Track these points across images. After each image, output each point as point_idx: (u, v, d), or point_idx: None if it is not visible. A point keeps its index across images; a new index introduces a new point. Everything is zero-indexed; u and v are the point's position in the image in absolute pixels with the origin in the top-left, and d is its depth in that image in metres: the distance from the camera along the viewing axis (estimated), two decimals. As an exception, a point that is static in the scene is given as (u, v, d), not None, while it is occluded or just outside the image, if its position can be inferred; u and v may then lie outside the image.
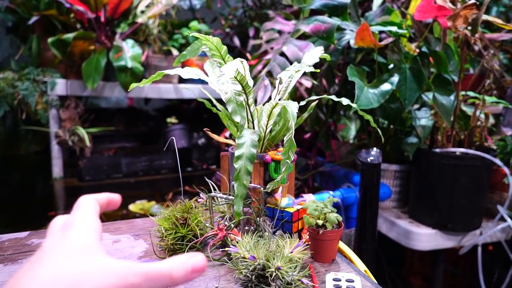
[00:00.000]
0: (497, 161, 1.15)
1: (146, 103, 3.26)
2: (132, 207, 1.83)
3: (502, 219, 1.24)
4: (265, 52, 1.49)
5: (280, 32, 1.51)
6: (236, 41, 2.34)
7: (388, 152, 1.39)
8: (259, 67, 1.38)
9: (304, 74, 1.34)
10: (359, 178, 1.08)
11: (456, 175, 1.17)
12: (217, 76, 0.66)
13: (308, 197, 0.98)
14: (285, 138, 0.61)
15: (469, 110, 1.35)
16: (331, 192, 1.24)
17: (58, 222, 0.37)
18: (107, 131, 2.41)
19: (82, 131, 2.14)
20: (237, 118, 0.64)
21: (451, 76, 1.21)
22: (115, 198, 0.41)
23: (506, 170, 1.19)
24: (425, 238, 1.22)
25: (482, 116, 1.27)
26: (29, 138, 2.44)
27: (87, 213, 0.35)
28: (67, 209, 1.93)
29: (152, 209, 1.79)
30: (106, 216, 1.73)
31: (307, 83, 1.53)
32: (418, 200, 1.29)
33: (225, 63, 0.68)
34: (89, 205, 0.36)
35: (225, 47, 0.69)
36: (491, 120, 1.40)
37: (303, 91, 1.60)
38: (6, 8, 2.31)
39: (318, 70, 0.68)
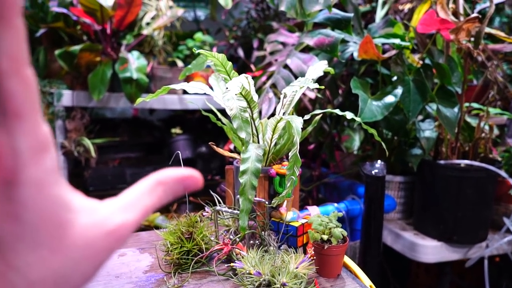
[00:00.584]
0: (502, 172, 1.14)
1: (151, 114, 3.28)
2: (136, 217, 1.83)
3: (509, 231, 1.23)
4: (269, 64, 1.50)
5: (283, 44, 1.53)
6: (240, 52, 2.36)
7: (392, 163, 1.39)
8: (263, 78, 1.39)
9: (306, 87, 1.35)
10: (364, 190, 1.08)
11: (461, 187, 1.17)
12: (223, 92, 0.67)
13: (313, 210, 0.98)
14: (290, 154, 0.62)
15: (473, 122, 1.35)
16: (335, 204, 1.24)
17: None
18: (112, 141, 2.42)
19: (87, 142, 2.16)
20: (243, 135, 0.65)
21: (455, 87, 1.21)
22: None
23: (511, 181, 1.18)
24: (431, 250, 1.21)
25: (487, 127, 1.27)
26: (35, 149, 2.46)
27: None
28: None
29: (156, 220, 1.79)
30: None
31: (311, 94, 1.54)
32: (423, 212, 1.28)
33: (231, 79, 0.69)
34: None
35: (230, 63, 0.70)
36: (496, 132, 1.40)
37: (307, 102, 1.61)
38: (14, 20, 2.34)
39: (322, 87, 0.69)
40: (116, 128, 2.58)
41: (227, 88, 0.63)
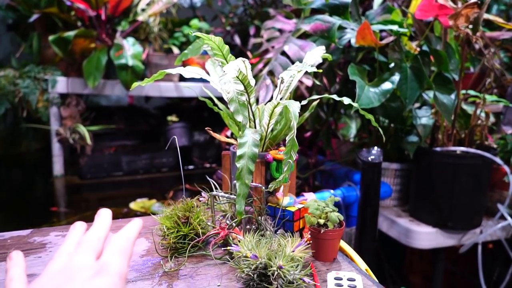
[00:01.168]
0: (498, 159, 1.15)
1: (147, 101, 3.26)
2: (133, 205, 1.84)
3: (502, 218, 1.25)
4: (266, 51, 1.49)
5: (280, 30, 1.51)
6: (237, 40, 2.34)
7: (388, 150, 1.40)
8: (260, 65, 1.38)
9: (305, 73, 1.34)
10: (360, 177, 1.08)
11: (456, 173, 1.17)
12: (219, 75, 0.67)
13: (309, 196, 0.98)
14: (287, 138, 0.62)
15: (469, 109, 1.35)
16: (332, 191, 1.24)
17: (76, 235, 0.38)
18: (107, 129, 2.41)
19: (83, 129, 2.15)
20: (240, 118, 0.64)
21: (452, 75, 1.21)
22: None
23: (506, 168, 1.19)
24: (426, 236, 1.22)
25: (483, 114, 1.27)
26: (30, 136, 2.44)
27: (119, 259, 0.34)
28: (68, 207, 1.94)
29: (152, 207, 1.79)
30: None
31: (308, 81, 1.53)
32: (418, 199, 1.29)
33: (227, 63, 0.68)
34: (120, 241, 0.36)
35: (227, 47, 0.69)
36: (492, 119, 1.41)
37: (304, 90, 1.60)
38: (7, 5, 2.31)
39: (320, 71, 0.68)
40: (112, 116, 2.57)
41: (224, 71, 0.62)
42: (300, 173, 1.59)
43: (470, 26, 1.09)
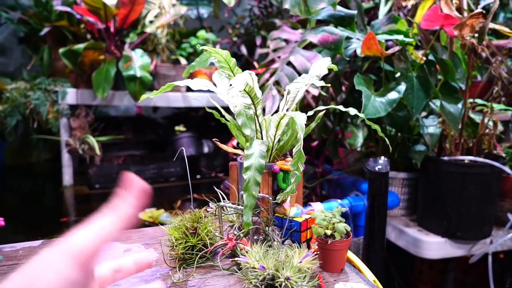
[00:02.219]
0: (507, 168, 1.14)
1: (154, 111, 3.29)
2: (141, 215, 1.85)
3: (513, 227, 1.23)
4: (272, 61, 1.50)
5: (286, 41, 1.53)
6: (243, 50, 2.36)
7: (396, 160, 1.39)
8: (267, 75, 1.39)
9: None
10: (367, 186, 1.08)
11: (465, 183, 1.17)
12: (227, 89, 0.68)
13: (316, 206, 0.98)
14: (294, 150, 0.62)
15: (477, 118, 1.34)
16: (339, 201, 1.24)
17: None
18: (116, 139, 2.44)
19: (92, 140, 2.17)
20: (247, 131, 0.65)
21: (459, 83, 1.21)
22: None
23: (515, 178, 1.18)
24: (434, 246, 1.21)
25: (491, 123, 1.27)
26: (40, 147, 2.48)
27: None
28: (77, 216, 1.96)
29: (161, 217, 1.80)
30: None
31: (314, 91, 1.54)
32: (426, 208, 1.28)
33: (234, 75, 0.70)
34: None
35: (233, 60, 0.70)
36: (500, 128, 1.40)
37: (310, 99, 1.61)
38: (18, 19, 2.36)
39: (329, 85, 0.69)
40: (120, 126, 2.59)
41: (231, 85, 0.63)
42: (307, 183, 1.59)
43: (476, 36, 1.09)
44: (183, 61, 2.39)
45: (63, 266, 0.28)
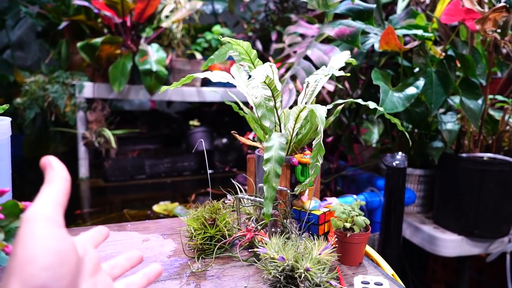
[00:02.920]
0: (527, 166, 1.12)
1: (168, 106, 3.32)
2: (156, 207, 1.87)
3: (532, 227, 1.21)
4: (288, 56, 1.50)
5: (302, 35, 1.52)
6: (259, 45, 2.36)
7: (412, 156, 1.38)
8: (282, 70, 1.39)
9: (329, 77, 1.35)
10: (384, 182, 1.07)
11: (483, 180, 1.15)
12: (247, 80, 0.68)
13: (333, 201, 0.98)
14: (314, 142, 0.62)
15: (497, 115, 1.32)
16: (354, 196, 1.24)
17: None
18: (131, 133, 2.46)
19: (108, 133, 2.20)
20: (267, 123, 0.65)
21: (479, 79, 1.19)
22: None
23: (536, 176, 1.16)
24: (451, 244, 1.20)
25: (511, 120, 1.25)
26: (57, 139, 2.52)
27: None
28: (92, 207, 1.99)
29: (175, 210, 1.82)
30: (133, 217, 1.77)
31: (330, 86, 1.53)
32: (443, 206, 1.27)
33: (255, 67, 0.70)
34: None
35: (254, 51, 0.70)
36: (520, 125, 1.37)
37: (326, 95, 1.60)
38: (37, 13, 2.40)
39: (348, 74, 0.69)
40: (134, 120, 2.62)
41: (251, 76, 0.63)
42: (321, 178, 1.59)
43: (498, 31, 1.07)
44: (198, 55, 2.40)
45: (42, 231, 0.30)
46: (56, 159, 0.37)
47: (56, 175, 0.36)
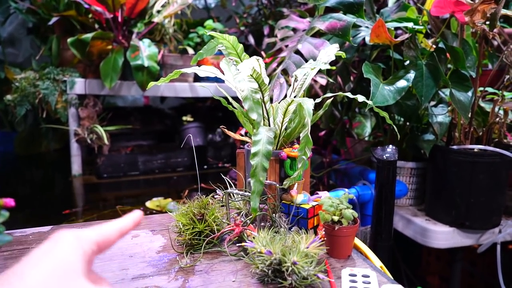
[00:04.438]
0: (517, 158, 1.13)
1: (162, 102, 3.30)
2: (148, 204, 1.86)
3: (522, 218, 1.22)
4: (280, 50, 1.49)
5: (294, 30, 1.51)
6: (251, 39, 2.35)
7: (404, 149, 1.38)
8: (274, 65, 1.38)
9: (319, 71, 1.34)
10: (375, 175, 1.08)
11: (474, 172, 1.15)
12: (234, 74, 0.67)
13: (324, 195, 0.98)
14: (301, 135, 0.62)
15: (487, 106, 1.32)
16: (346, 190, 1.24)
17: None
18: (124, 129, 2.45)
19: (100, 129, 2.19)
20: (254, 116, 0.65)
21: (469, 72, 1.19)
22: (139, 218, 0.45)
23: (526, 167, 1.17)
24: (442, 236, 1.21)
25: (501, 112, 1.25)
26: (49, 136, 2.50)
27: (83, 233, 0.36)
28: (86, 205, 1.98)
29: (168, 206, 1.82)
30: (126, 213, 1.77)
31: (322, 80, 1.53)
32: (435, 198, 1.27)
33: (242, 62, 0.69)
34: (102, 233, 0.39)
35: (241, 46, 0.70)
36: (511, 116, 1.38)
37: (318, 89, 1.60)
38: (27, 9, 2.37)
39: (334, 68, 0.69)
40: (128, 117, 2.61)
41: (238, 70, 0.63)
42: (314, 172, 1.59)
43: (487, 22, 1.07)
44: (190, 51, 2.39)
45: (70, 246, 0.33)
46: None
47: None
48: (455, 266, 1.32)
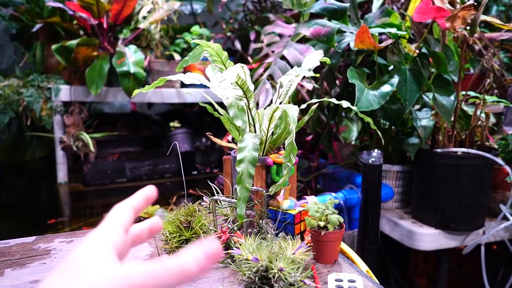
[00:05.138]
0: (499, 160, 1.15)
1: (149, 108, 3.28)
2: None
3: (505, 218, 1.24)
4: (266, 56, 1.50)
5: (280, 35, 1.52)
6: (238, 45, 2.35)
7: (390, 153, 1.40)
8: (261, 70, 1.39)
9: (305, 77, 1.35)
10: (361, 179, 1.09)
11: (458, 175, 1.17)
12: (219, 81, 0.68)
13: (311, 199, 0.99)
14: (286, 142, 0.62)
15: (470, 110, 1.35)
16: (333, 194, 1.25)
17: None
18: (111, 136, 2.43)
19: (86, 137, 2.16)
20: (239, 123, 0.65)
21: (451, 76, 1.21)
22: (151, 193, 0.41)
23: (508, 169, 1.19)
24: (428, 238, 1.22)
25: (483, 115, 1.28)
26: (34, 144, 2.46)
27: (106, 226, 0.34)
28: (73, 214, 1.95)
29: (156, 213, 1.80)
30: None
31: (309, 85, 1.54)
32: (420, 201, 1.29)
33: (226, 69, 0.69)
34: (115, 216, 0.35)
35: (225, 53, 0.70)
36: (492, 120, 1.41)
37: (305, 94, 1.61)
38: (10, 16, 2.34)
39: (317, 75, 0.69)
40: (115, 123, 2.59)
41: (222, 77, 0.63)
42: (302, 177, 1.60)
43: (468, 28, 1.09)
44: (177, 56, 2.38)
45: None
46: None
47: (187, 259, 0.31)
48: (441, 268, 1.33)
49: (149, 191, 0.40)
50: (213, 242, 0.31)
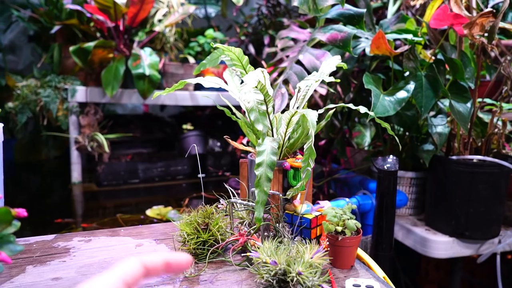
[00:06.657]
0: (516, 168, 1.14)
1: (162, 110, 3.31)
2: (149, 212, 1.86)
3: (521, 228, 1.23)
4: (281, 60, 1.51)
5: (295, 40, 1.53)
6: (251, 49, 2.37)
7: (404, 159, 1.39)
8: (275, 74, 1.40)
9: (320, 81, 1.36)
10: (376, 185, 1.08)
11: (473, 182, 1.16)
12: (239, 85, 0.69)
13: (325, 204, 0.99)
14: (305, 146, 0.63)
15: (486, 117, 1.34)
16: (347, 199, 1.24)
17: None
18: (124, 137, 2.46)
19: (101, 137, 2.19)
20: (260, 127, 0.66)
21: (468, 83, 1.21)
22: (177, 261, 0.34)
23: (524, 178, 1.18)
24: (442, 246, 1.21)
25: (500, 123, 1.26)
26: (49, 144, 2.51)
27: (107, 279, 0.31)
28: (85, 213, 1.98)
29: (168, 215, 1.82)
30: (126, 222, 1.76)
31: (322, 90, 1.54)
32: (434, 208, 1.28)
33: (247, 73, 0.70)
34: (120, 270, 0.32)
35: (246, 57, 0.71)
36: (509, 127, 1.39)
37: (318, 98, 1.61)
38: (29, 17, 2.39)
39: (338, 80, 0.70)
40: (128, 124, 2.62)
41: (243, 81, 0.64)
42: (314, 182, 1.60)
43: (486, 35, 1.09)
44: (191, 59, 2.40)
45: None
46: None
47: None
48: (454, 276, 1.32)
49: (177, 259, 0.34)
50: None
